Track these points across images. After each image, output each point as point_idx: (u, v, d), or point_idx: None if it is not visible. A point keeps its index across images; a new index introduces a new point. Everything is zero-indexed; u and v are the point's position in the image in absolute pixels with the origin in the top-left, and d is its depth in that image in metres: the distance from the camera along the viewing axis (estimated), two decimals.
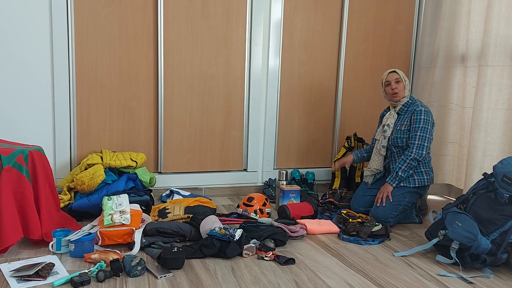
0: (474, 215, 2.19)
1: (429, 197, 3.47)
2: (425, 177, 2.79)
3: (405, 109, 2.84)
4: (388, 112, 2.91)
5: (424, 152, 2.72)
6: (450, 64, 3.31)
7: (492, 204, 2.18)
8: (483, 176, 2.34)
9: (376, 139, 2.93)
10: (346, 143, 3.38)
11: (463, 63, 3.22)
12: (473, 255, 2.14)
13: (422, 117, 2.74)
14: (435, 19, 3.44)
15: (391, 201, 2.73)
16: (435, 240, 2.30)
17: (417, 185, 2.77)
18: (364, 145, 3.37)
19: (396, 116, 2.86)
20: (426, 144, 2.72)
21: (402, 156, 2.75)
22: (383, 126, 2.88)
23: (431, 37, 3.46)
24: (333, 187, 3.39)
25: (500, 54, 2.88)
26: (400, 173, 2.73)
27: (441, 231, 2.28)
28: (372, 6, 3.53)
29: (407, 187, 2.77)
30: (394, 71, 2.85)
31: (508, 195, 2.14)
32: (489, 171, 2.42)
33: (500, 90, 2.91)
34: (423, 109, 2.75)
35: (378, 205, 2.75)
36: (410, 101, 2.84)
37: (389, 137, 2.85)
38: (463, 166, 3.21)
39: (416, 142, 2.72)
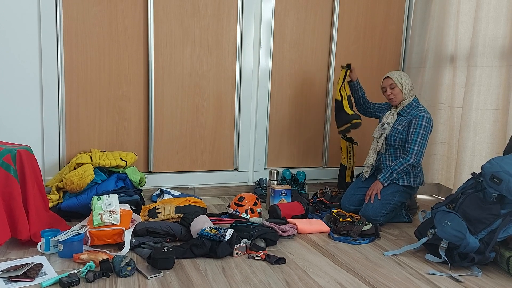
0: (463, 214, 2.21)
1: (419, 196, 3.49)
2: (415, 178, 2.81)
3: (408, 110, 2.84)
4: (389, 112, 2.92)
5: (421, 159, 2.76)
6: (439, 64, 3.33)
7: (481, 203, 2.21)
8: (471, 176, 2.36)
9: (374, 136, 2.94)
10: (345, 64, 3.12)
11: (452, 63, 3.25)
12: (461, 253, 2.16)
13: (423, 123, 2.75)
14: (424, 20, 3.46)
15: (379, 199, 2.74)
16: (424, 239, 2.32)
17: (406, 184, 2.79)
18: (353, 144, 3.39)
19: (396, 115, 2.88)
20: (423, 150, 2.75)
21: (400, 159, 2.76)
22: (383, 124, 2.89)
23: (421, 38, 3.48)
24: (350, 114, 3.05)
25: (488, 54, 2.91)
26: (394, 174, 2.75)
27: (430, 230, 2.30)
28: (362, 6, 3.54)
29: (397, 185, 2.79)
30: (388, 77, 2.85)
31: (496, 195, 2.16)
32: (478, 170, 2.45)
33: (488, 90, 2.94)
34: (425, 115, 2.76)
35: (366, 202, 2.77)
36: (414, 103, 2.84)
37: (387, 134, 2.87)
38: (452, 166, 3.24)
39: (416, 148, 2.73)
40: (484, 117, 2.96)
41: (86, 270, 1.91)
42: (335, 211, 2.76)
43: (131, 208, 2.48)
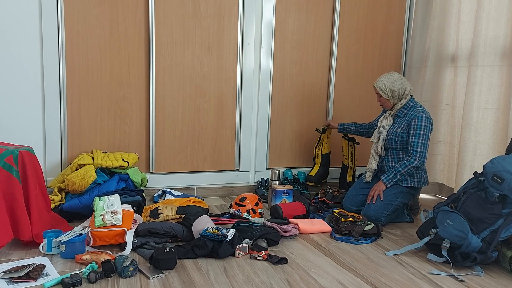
0: (465, 214, 2.21)
1: (421, 196, 3.49)
2: (419, 179, 2.81)
3: (405, 111, 2.83)
4: (383, 115, 2.93)
5: (425, 160, 2.75)
6: (440, 64, 3.33)
7: (482, 203, 2.20)
8: (473, 175, 2.36)
9: (372, 141, 2.94)
10: (322, 127, 3.38)
11: (453, 63, 3.25)
12: (463, 253, 2.16)
13: (423, 124, 2.74)
14: (425, 19, 3.46)
15: (381, 199, 2.74)
16: (426, 239, 2.31)
17: (409, 185, 2.79)
18: (355, 144, 3.39)
19: (391, 119, 2.88)
20: (426, 151, 2.75)
21: (404, 160, 2.75)
22: (378, 128, 2.90)
23: (422, 37, 3.48)
24: (310, 174, 3.39)
25: (489, 54, 2.91)
26: (398, 176, 2.75)
27: (432, 230, 2.30)
28: (363, 6, 3.54)
29: (400, 186, 2.78)
30: (373, 85, 2.86)
31: (498, 194, 2.16)
32: (480, 170, 2.44)
33: (489, 90, 2.93)
34: (424, 115, 2.75)
35: (369, 202, 2.77)
36: (410, 104, 2.83)
37: (384, 137, 2.87)
38: (454, 165, 3.24)
39: (419, 150, 2.72)
40: (486, 116, 2.96)
41: (88, 271, 1.91)
42: (336, 211, 2.75)
43: (133, 209, 2.48)
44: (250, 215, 2.74)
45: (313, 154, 3.44)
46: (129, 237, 2.22)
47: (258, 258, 2.19)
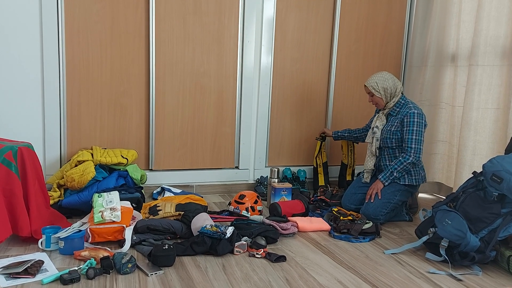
0: (464, 213, 2.21)
1: (420, 195, 3.49)
2: (417, 176, 2.81)
3: (397, 109, 2.84)
4: (376, 115, 2.93)
5: (421, 156, 2.75)
6: (440, 63, 3.33)
7: (481, 203, 2.21)
8: (472, 175, 2.36)
9: (367, 142, 2.94)
10: (319, 135, 3.43)
11: (453, 62, 3.25)
12: (462, 252, 2.16)
13: (416, 120, 2.74)
14: (426, 19, 3.46)
15: (379, 198, 2.74)
16: (425, 238, 2.32)
17: (407, 183, 2.79)
18: (354, 143, 3.39)
19: (384, 118, 2.88)
20: (421, 147, 2.75)
21: (399, 158, 2.76)
22: (372, 128, 2.90)
23: (422, 37, 3.48)
24: (320, 185, 3.42)
25: (489, 54, 2.90)
26: (395, 174, 2.75)
27: (431, 229, 2.30)
28: (364, 5, 3.54)
29: (398, 184, 2.79)
30: (365, 85, 2.86)
31: (497, 194, 2.16)
32: (479, 169, 2.45)
33: (489, 90, 2.94)
34: (416, 111, 2.75)
35: (367, 201, 2.77)
36: (402, 101, 2.84)
37: (379, 137, 2.87)
38: (453, 165, 3.24)
39: (413, 146, 2.72)
40: (485, 116, 2.96)
41: (87, 267, 1.91)
42: (335, 209, 2.76)
43: (132, 206, 2.48)
44: (249, 213, 2.74)
45: (314, 165, 3.46)
46: (128, 233, 2.22)
47: (257, 255, 2.19)
